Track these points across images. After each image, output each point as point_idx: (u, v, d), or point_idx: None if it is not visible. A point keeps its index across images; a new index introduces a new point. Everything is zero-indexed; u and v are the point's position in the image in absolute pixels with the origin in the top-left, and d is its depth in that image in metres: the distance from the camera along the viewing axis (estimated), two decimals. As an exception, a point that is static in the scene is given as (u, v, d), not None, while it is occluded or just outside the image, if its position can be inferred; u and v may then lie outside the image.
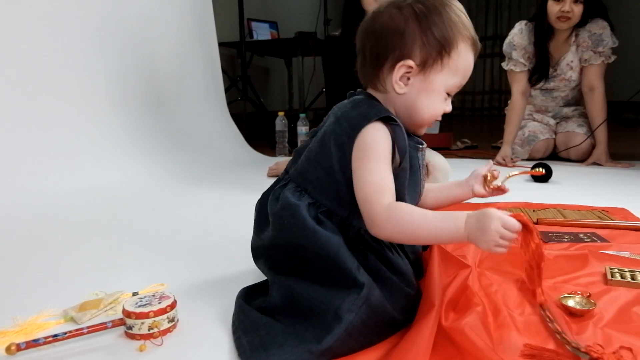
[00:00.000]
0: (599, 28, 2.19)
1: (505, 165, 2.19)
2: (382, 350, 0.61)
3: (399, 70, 0.67)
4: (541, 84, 2.35)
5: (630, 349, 0.59)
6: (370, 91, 0.72)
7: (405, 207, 0.63)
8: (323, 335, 0.58)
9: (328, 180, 0.68)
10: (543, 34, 2.24)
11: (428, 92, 0.68)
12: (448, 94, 0.70)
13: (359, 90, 0.74)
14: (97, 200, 1.51)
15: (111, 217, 1.37)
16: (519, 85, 2.33)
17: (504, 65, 2.41)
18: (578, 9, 2.13)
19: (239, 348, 0.62)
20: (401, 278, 0.66)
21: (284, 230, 0.68)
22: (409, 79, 0.68)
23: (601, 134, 2.19)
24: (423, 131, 0.74)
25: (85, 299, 0.77)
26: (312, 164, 0.70)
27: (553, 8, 2.15)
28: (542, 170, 0.71)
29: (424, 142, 0.75)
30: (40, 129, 1.56)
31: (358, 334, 0.60)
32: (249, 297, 0.73)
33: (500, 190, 0.80)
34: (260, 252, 0.74)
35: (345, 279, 0.62)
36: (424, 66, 0.66)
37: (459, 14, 0.67)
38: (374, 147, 0.64)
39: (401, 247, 0.72)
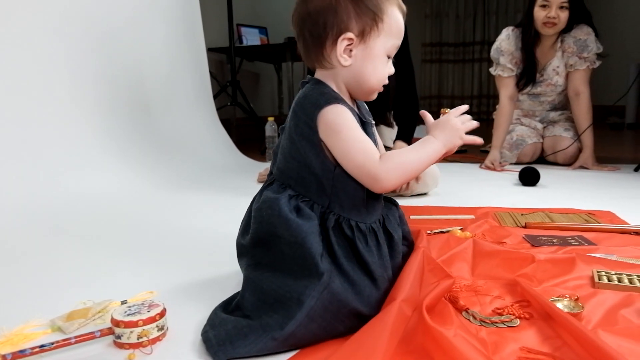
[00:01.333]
0: (584, 34, 2.22)
1: (494, 170, 2.21)
2: (341, 340, 0.64)
3: (341, 44, 0.70)
4: (528, 88, 2.38)
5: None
6: (319, 72, 0.75)
7: (394, 153, 0.71)
8: (286, 321, 0.62)
9: (306, 173, 0.70)
10: (530, 39, 2.27)
11: (371, 58, 0.72)
12: (388, 57, 0.74)
13: (307, 76, 0.77)
14: (84, 207, 1.49)
15: (99, 224, 1.35)
16: (506, 90, 2.36)
17: (491, 70, 2.43)
18: (564, 15, 2.16)
19: (206, 342, 0.64)
20: (366, 271, 0.68)
21: (263, 222, 0.70)
22: (351, 50, 0.71)
23: (587, 138, 2.22)
24: (374, 96, 0.77)
25: (73, 308, 0.76)
26: (289, 160, 0.72)
27: (539, 14, 2.19)
28: (447, 111, 0.76)
29: (373, 120, 0.80)
30: (26, 135, 1.54)
31: (320, 319, 0.63)
32: (226, 305, 0.74)
33: None
34: (245, 250, 0.76)
35: (309, 266, 0.64)
36: (363, 35, 0.71)
37: None
38: (340, 121, 0.69)
39: (384, 243, 0.73)
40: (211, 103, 2.84)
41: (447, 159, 2.65)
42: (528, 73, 2.33)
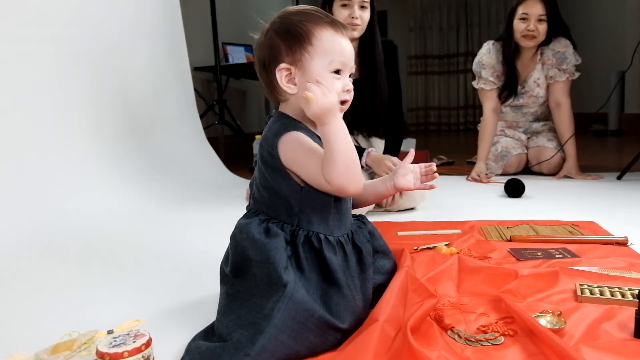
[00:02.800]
0: (562, 46, 2.28)
1: (480, 181, 2.24)
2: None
3: (279, 74, 0.77)
4: (510, 100, 2.43)
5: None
6: (281, 105, 0.82)
7: (332, 164, 0.72)
8: (257, 336, 0.63)
9: (275, 199, 0.76)
10: (510, 52, 2.32)
11: (310, 79, 0.76)
12: (337, 72, 0.77)
13: (273, 111, 0.84)
14: (67, 232, 1.48)
15: (83, 250, 1.34)
16: (489, 102, 2.40)
17: (474, 84, 2.47)
18: (542, 27, 2.21)
19: None
20: (332, 280, 0.71)
21: (238, 246, 0.75)
22: (294, 79, 0.77)
23: (570, 148, 2.26)
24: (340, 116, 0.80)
25: (59, 339, 0.75)
26: (260, 189, 0.78)
27: (519, 26, 2.24)
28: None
29: None
30: (10, 159, 1.53)
31: (289, 330, 0.65)
32: (204, 334, 0.75)
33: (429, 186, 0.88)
34: (227, 279, 0.79)
35: (274, 280, 0.68)
36: (296, 63, 0.76)
37: (308, 12, 0.79)
38: (299, 146, 0.74)
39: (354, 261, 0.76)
40: (198, 122, 2.85)
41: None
42: (510, 85, 2.37)
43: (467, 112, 7.00)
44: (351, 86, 0.79)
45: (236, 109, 3.82)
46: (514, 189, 1.82)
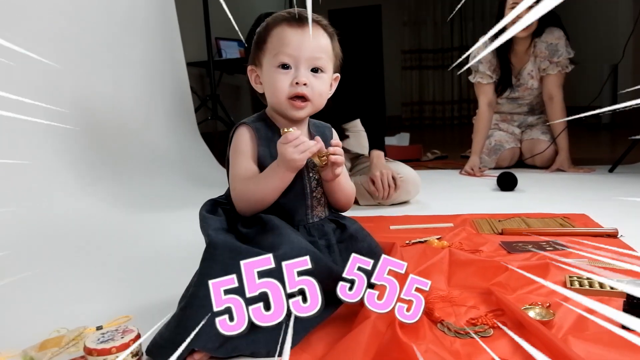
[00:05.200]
0: (555, 38, 2.27)
1: (474, 175, 2.24)
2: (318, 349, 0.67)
3: (250, 76, 0.86)
4: (507, 93, 2.43)
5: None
6: None
7: (241, 184, 0.81)
8: (189, 288, 0.72)
9: (228, 183, 0.85)
10: (504, 45, 2.31)
11: (264, 77, 0.83)
12: (284, 67, 0.79)
13: None
14: (61, 227, 1.47)
15: (79, 246, 1.33)
16: (485, 96, 2.40)
17: (470, 78, 2.47)
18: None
19: (149, 351, 0.68)
20: (271, 226, 0.76)
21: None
22: (259, 77, 0.85)
23: (563, 141, 2.27)
24: (297, 113, 0.82)
25: (47, 336, 0.75)
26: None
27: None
28: (285, 130, 0.82)
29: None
30: (0, 156, 1.52)
31: (219, 267, 0.67)
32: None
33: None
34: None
35: (206, 244, 0.73)
36: (255, 62, 0.84)
37: (278, 13, 0.83)
38: (235, 146, 0.83)
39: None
40: (192, 118, 2.83)
41: (428, 166, 2.68)
42: (505, 79, 2.37)
43: (462, 107, 7.00)
44: (303, 80, 0.78)
45: (229, 105, 3.80)
46: (507, 183, 1.82)
